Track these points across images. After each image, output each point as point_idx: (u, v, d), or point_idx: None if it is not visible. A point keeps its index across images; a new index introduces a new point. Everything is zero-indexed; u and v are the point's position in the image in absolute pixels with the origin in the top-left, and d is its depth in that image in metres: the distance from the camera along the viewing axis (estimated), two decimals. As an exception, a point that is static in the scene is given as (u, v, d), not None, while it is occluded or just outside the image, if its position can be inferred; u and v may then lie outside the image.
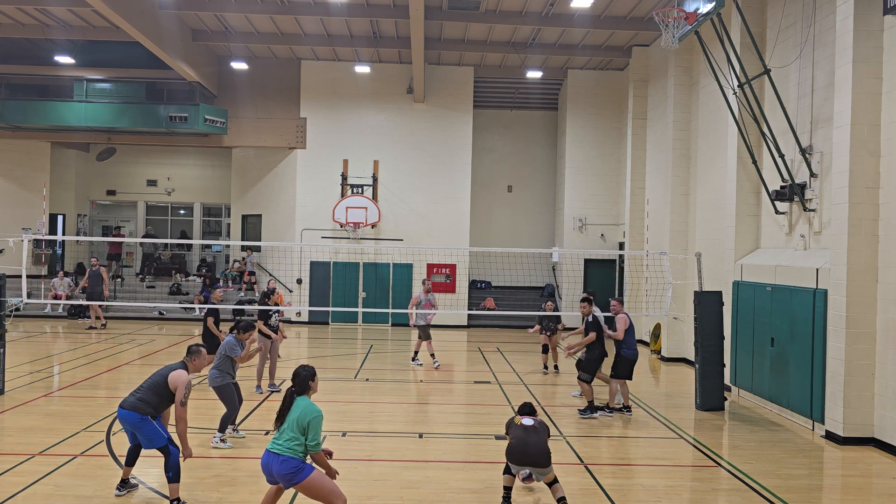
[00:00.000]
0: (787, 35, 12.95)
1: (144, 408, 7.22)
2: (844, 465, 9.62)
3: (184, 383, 7.29)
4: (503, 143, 26.43)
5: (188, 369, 7.54)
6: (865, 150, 10.31)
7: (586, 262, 24.19)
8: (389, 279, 23.63)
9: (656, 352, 18.84)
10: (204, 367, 7.87)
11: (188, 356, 7.69)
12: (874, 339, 10.30)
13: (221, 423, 9.51)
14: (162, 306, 23.54)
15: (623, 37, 20.75)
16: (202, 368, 7.86)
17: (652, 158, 20.48)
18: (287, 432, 6.24)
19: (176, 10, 19.56)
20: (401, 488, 7.95)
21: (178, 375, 7.32)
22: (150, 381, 7.43)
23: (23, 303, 14.12)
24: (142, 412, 7.20)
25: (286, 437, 6.23)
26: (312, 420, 6.25)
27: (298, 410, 6.32)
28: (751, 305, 13.12)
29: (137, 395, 7.33)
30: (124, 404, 7.29)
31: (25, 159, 25.62)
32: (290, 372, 6.76)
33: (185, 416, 7.26)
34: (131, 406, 7.24)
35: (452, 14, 19.57)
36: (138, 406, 7.23)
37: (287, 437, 6.22)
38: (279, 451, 6.18)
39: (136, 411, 7.20)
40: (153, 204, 30.08)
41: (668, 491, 8.22)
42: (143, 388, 7.39)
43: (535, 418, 7.69)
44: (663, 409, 12.41)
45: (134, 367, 15.14)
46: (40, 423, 10.38)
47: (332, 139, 24.11)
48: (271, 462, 6.19)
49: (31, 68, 23.40)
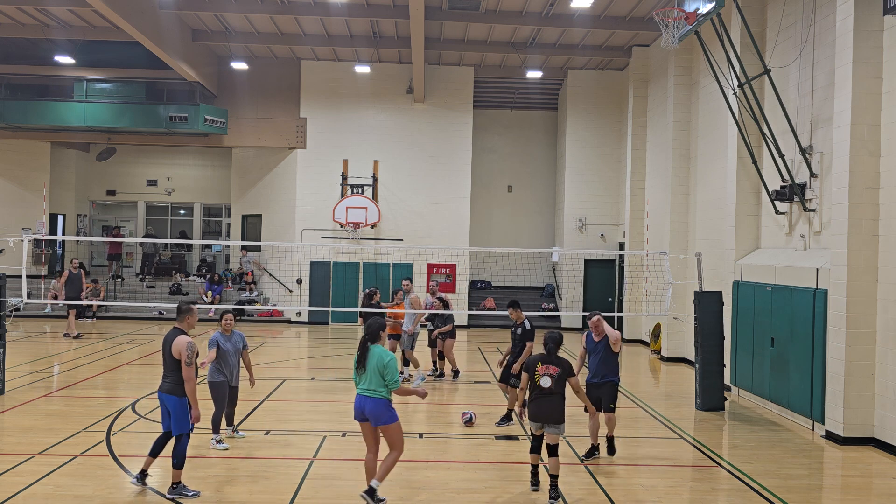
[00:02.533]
0: (787, 35, 12.95)
1: (180, 390, 7.45)
2: (844, 465, 9.62)
3: (184, 346, 7.41)
4: (503, 143, 26.43)
5: (185, 331, 7.61)
6: (865, 150, 10.31)
7: (586, 262, 24.18)
8: (389, 279, 23.61)
9: (656, 352, 18.84)
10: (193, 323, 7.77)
11: (179, 317, 7.67)
12: (874, 339, 10.30)
13: (212, 425, 9.41)
14: (162, 306, 23.54)
15: (623, 37, 20.75)
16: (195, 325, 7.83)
17: (652, 158, 20.48)
18: (371, 378, 7.25)
19: (176, 10, 19.56)
20: (401, 488, 7.95)
21: (178, 342, 7.45)
22: (166, 362, 7.58)
23: (23, 303, 14.11)
24: (180, 395, 7.46)
25: (373, 382, 7.25)
26: (389, 363, 7.23)
27: (375, 358, 7.26)
28: (751, 305, 13.12)
29: (168, 379, 7.52)
30: (162, 388, 7.55)
31: (25, 159, 25.62)
32: (288, 371, 6.77)
33: (193, 375, 7.42)
34: (168, 390, 7.49)
35: (452, 14, 19.57)
36: (175, 389, 7.45)
37: (373, 382, 7.24)
38: (370, 394, 7.25)
39: (174, 395, 7.46)
40: (153, 204, 30.08)
41: (668, 491, 8.22)
42: (167, 371, 7.56)
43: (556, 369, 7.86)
44: (663, 409, 12.41)
45: (134, 367, 15.14)
46: (40, 423, 10.38)
47: (332, 139, 24.11)
48: (365, 403, 7.26)
49: (31, 68, 23.39)
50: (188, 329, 7.66)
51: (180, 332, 7.57)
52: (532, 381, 7.94)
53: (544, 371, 7.87)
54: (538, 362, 7.97)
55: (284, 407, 11.79)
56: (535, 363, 7.98)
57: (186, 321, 7.67)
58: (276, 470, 8.52)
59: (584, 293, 24.01)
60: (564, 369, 7.91)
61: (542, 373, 7.87)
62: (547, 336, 8.14)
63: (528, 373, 8.02)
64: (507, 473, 8.69)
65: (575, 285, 23.85)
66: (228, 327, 9.44)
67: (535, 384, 7.89)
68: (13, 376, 13.27)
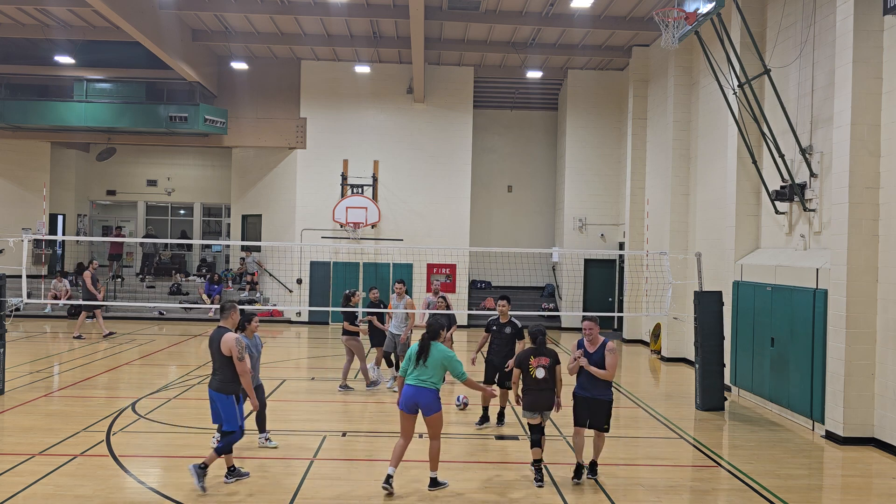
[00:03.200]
0: (787, 35, 12.95)
1: (227, 388, 7.79)
2: (844, 465, 9.62)
3: (233, 343, 7.75)
4: (503, 143, 26.43)
5: (230, 328, 7.98)
6: (865, 150, 10.31)
7: (586, 262, 24.18)
8: (389, 279, 23.59)
9: (656, 352, 18.84)
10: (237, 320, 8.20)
11: (223, 315, 8.06)
12: (874, 339, 10.30)
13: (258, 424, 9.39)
14: (162, 306, 23.54)
15: (623, 37, 20.75)
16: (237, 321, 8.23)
17: (652, 158, 20.48)
18: (429, 371, 7.70)
19: (176, 10, 19.56)
20: (401, 488, 7.95)
21: (226, 340, 7.79)
22: (215, 359, 7.89)
23: (23, 303, 14.10)
24: (226, 392, 7.78)
25: (429, 374, 7.69)
26: (451, 358, 7.76)
27: (437, 353, 7.73)
28: (751, 305, 13.12)
29: (217, 376, 7.86)
30: (211, 385, 7.91)
31: (25, 159, 25.61)
32: (288, 371, 6.78)
33: (247, 369, 7.81)
34: (217, 388, 7.83)
35: (452, 14, 19.56)
36: (222, 388, 7.79)
37: (429, 375, 7.69)
38: (427, 385, 7.68)
39: (222, 392, 7.78)
40: (153, 204, 30.08)
41: (668, 491, 8.22)
42: (216, 369, 7.89)
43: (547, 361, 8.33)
44: (663, 409, 12.41)
45: (134, 367, 15.14)
46: (40, 423, 10.38)
47: (332, 139, 24.11)
48: (418, 393, 7.66)
49: (31, 68, 23.38)
50: (232, 326, 8.05)
51: (226, 329, 7.93)
52: (526, 374, 8.37)
53: (537, 363, 8.32)
54: (530, 356, 8.39)
55: (284, 407, 11.79)
56: (528, 357, 8.40)
57: (230, 319, 8.06)
58: (277, 470, 8.52)
59: (584, 293, 24.01)
60: (554, 359, 8.40)
61: (535, 365, 8.32)
62: (535, 329, 8.50)
63: (521, 368, 8.46)
64: (508, 473, 8.69)
65: (575, 285, 23.86)
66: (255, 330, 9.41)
67: (530, 377, 8.32)
68: (13, 376, 13.27)
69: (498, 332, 10.84)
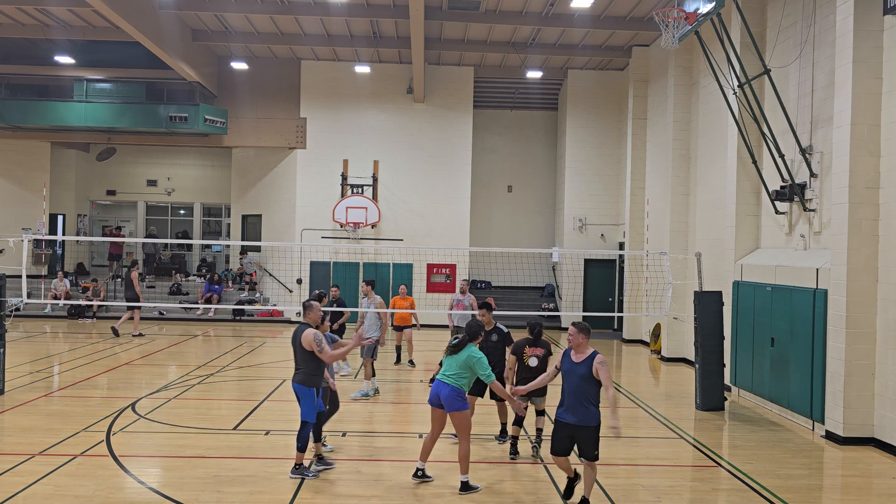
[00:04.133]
0: (787, 35, 12.94)
1: (309, 380, 8.13)
2: (844, 465, 9.62)
3: (311, 338, 8.08)
4: (503, 143, 26.43)
5: (311, 325, 8.31)
6: (865, 150, 10.31)
7: (586, 262, 24.19)
8: (389, 279, 23.62)
9: (656, 352, 18.84)
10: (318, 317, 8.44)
11: (304, 313, 8.47)
12: (874, 339, 10.30)
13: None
14: (162, 306, 23.54)
15: (623, 37, 20.75)
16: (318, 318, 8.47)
17: (652, 158, 20.48)
18: (454, 368, 7.91)
19: (176, 10, 19.56)
20: (401, 488, 7.95)
21: (305, 336, 8.11)
22: (297, 355, 8.21)
23: (23, 303, 14.10)
24: (308, 385, 8.13)
25: (454, 372, 7.89)
26: (479, 360, 7.92)
27: (466, 353, 7.93)
28: (751, 305, 13.12)
29: (300, 370, 8.19)
30: (294, 379, 8.22)
31: (25, 159, 25.61)
32: (288, 371, 6.78)
33: (330, 354, 8.13)
34: (300, 381, 8.15)
35: (452, 14, 19.57)
36: (305, 381, 8.13)
37: (454, 372, 7.88)
38: (450, 381, 7.85)
39: (304, 385, 8.12)
40: (153, 204, 30.09)
41: (668, 491, 8.22)
42: (298, 364, 8.22)
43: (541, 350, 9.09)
44: (663, 409, 12.41)
45: (134, 367, 15.13)
46: (40, 423, 10.38)
47: (332, 139, 24.11)
48: (441, 389, 7.86)
49: (31, 68, 23.39)
50: (313, 323, 8.36)
51: (306, 326, 8.26)
52: (521, 362, 9.11)
53: (532, 353, 9.10)
54: (525, 346, 9.15)
55: (284, 407, 11.78)
56: (523, 346, 9.16)
57: (309, 316, 8.42)
58: (277, 470, 8.52)
59: (584, 293, 24.02)
60: (547, 350, 9.20)
61: (529, 354, 9.10)
62: (533, 322, 9.22)
63: (516, 355, 9.18)
64: (508, 473, 8.69)
65: (575, 285, 23.86)
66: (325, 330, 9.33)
67: (524, 365, 9.08)
68: (13, 376, 13.27)
69: (484, 341, 9.90)
